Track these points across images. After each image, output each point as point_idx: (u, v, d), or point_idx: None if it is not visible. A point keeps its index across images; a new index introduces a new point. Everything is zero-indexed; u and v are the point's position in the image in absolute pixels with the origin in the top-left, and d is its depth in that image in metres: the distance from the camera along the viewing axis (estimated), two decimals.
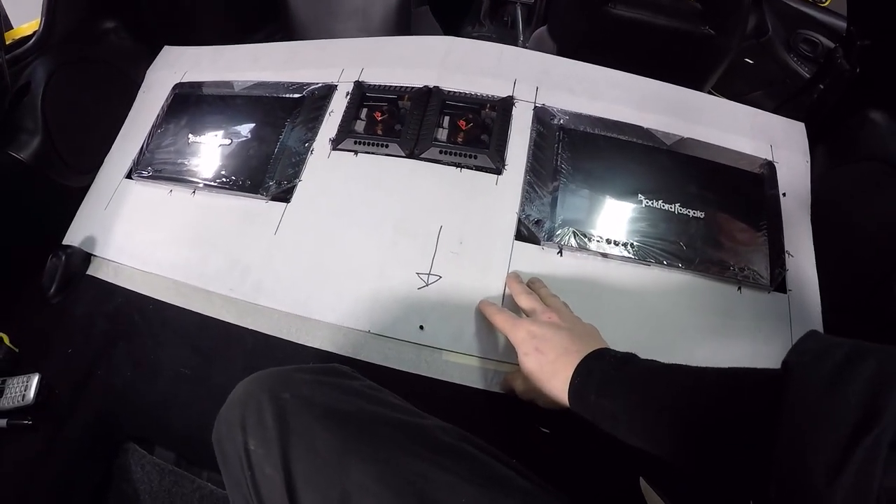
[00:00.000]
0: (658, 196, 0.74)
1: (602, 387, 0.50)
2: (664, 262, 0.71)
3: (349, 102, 0.82)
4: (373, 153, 0.78)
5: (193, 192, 0.82)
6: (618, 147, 0.78)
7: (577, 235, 0.71)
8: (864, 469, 0.29)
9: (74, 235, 0.86)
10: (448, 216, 0.73)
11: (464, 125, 0.78)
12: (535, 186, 0.74)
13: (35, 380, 0.70)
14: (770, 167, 0.79)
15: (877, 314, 0.69)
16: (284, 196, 0.78)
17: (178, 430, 0.69)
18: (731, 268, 0.72)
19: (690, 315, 0.70)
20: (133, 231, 0.83)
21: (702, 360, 0.67)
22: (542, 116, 0.80)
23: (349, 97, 0.83)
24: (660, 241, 0.72)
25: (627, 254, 0.71)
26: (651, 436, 0.47)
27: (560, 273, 0.70)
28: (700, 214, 0.74)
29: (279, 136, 0.82)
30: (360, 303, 0.70)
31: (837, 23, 1.14)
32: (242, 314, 0.72)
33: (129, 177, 0.87)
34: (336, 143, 0.79)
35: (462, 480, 0.44)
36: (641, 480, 0.57)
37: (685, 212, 0.74)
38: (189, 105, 0.91)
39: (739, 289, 0.72)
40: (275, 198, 0.78)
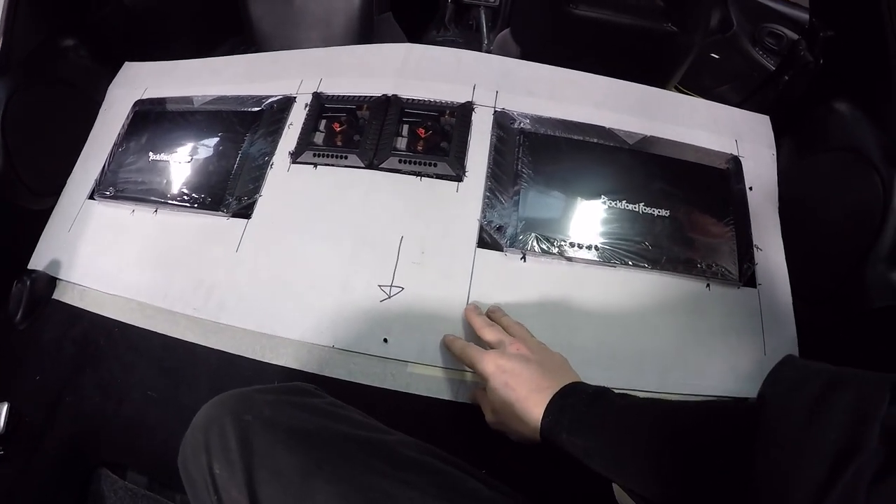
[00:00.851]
0: (621, 196, 0.74)
1: (574, 424, 0.50)
2: (630, 263, 0.70)
3: (308, 114, 0.81)
4: (332, 165, 0.77)
5: (155, 212, 0.81)
6: (579, 148, 0.77)
7: (541, 240, 0.71)
8: None
9: (39, 259, 0.85)
10: (409, 226, 0.73)
11: (423, 133, 0.77)
12: (497, 192, 0.74)
13: (4, 409, 0.69)
14: (736, 162, 0.79)
15: (848, 304, 0.69)
16: (245, 212, 0.77)
17: (149, 454, 0.68)
18: (699, 265, 0.71)
19: (660, 315, 0.70)
20: (97, 253, 0.82)
21: (673, 359, 0.68)
22: (502, 121, 0.79)
23: (308, 109, 0.82)
24: (624, 242, 0.71)
25: (592, 256, 0.71)
26: (625, 472, 0.47)
27: (524, 279, 0.70)
28: (665, 213, 0.73)
29: (239, 151, 0.81)
30: (324, 318, 0.69)
31: (802, 15, 1.13)
32: (207, 334, 0.71)
33: (92, 197, 0.86)
34: (295, 157, 0.78)
35: (427, 496, 0.43)
36: (615, 486, 0.57)
37: (650, 211, 0.73)
38: (150, 122, 0.89)
39: (708, 286, 0.72)
40: (235, 214, 0.77)
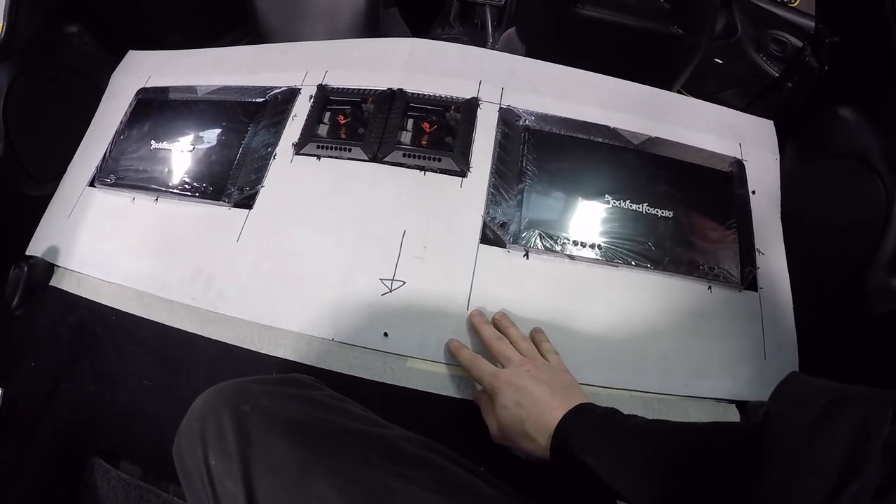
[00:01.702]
0: (625, 196, 0.74)
1: (585, 443, 0.50)
2: (632, 263, 0.70)
3: (312, 106, 0.81)
4: (336, 157, 0.77)
5: (156, 200, 0.80)
6: (584, 147, 0.77)
7: (544, 237, 0.71)
8: None
9: (37, 245, 0.84)
10: (412, 220, 0.72)
11: (428, 127, 0.77)
12: (501, 189, 0.74)
13: None
14: (739, 165, 0.79)
15: (848, 310, 0.69)
16: (247, 202, 0.76)
17: (144, 444, 0.68)
18: (701, 267, 0.71)
19: (661, 315, 0.70)
20: (96, 240, 0.81)
21: (674, 361, 0.68)
22: (508, 118, 0.79)
23: (312, 101, 0.82)
24: (628, 242, 0.71)
25: (595, 255, 0.70)
26: (633, 491, 0.47)
27: (527, 276, 0.70)
28: (668, 214, 0.73)
29: (242, 142, 0.81)
30: (324, 310, 0.68)
31: (807, 23, 1.14)
32: (205, 324, 0.71)
33: (93, 185, 0.85)
34: (299, 148, 0.78)
35: (426, 490, 0.43)
36: None
37: (653, 211, 0.73)
38: (152, 111, 0.89)
39: (710, 288, 0.72)
40: (237, 204, 0.76)
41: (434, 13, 1.52)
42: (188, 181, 0.80)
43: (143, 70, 0.96)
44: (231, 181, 0.78)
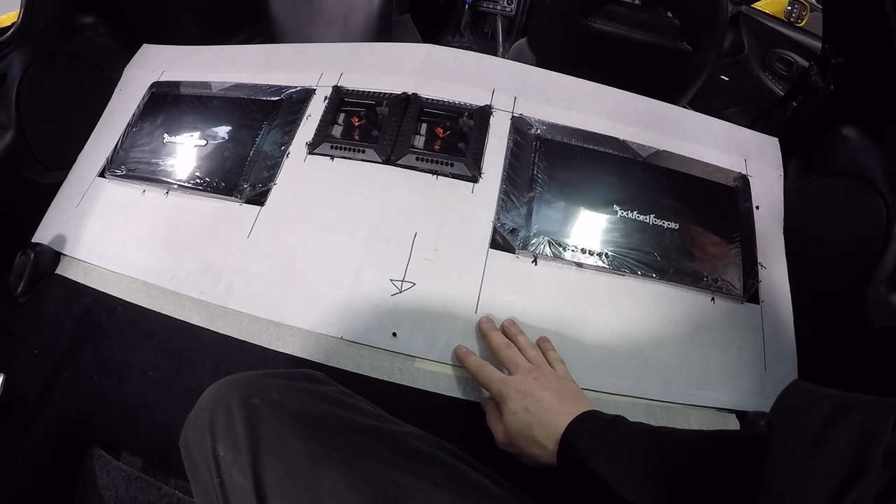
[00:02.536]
0: (633, 207, 0.75)
1: (592, 449, 0.50)
2: (638, 272, 0.71)
3: (327, 107, 0.82)
4: (349, 158, 0.78)
5: (167, 193, 0.80)
6: (594, 158, 0.78)
7: (552, 245, 0.72)
8: None
9: (44, 233, 0.84)
10: (423, 223, 0.73)
11: (441, 133, 0.78)
12: (511, 195, 0.75)
13: None
14: (744, 180, 0.80)
15: (848, 324, 0.70)
16: (259, 199, 0.77)
17: (145, 436, 0.68)
18: (705, 279, 0.72)
19: (664, 324, 0.71)
20: (104, 230, 0.81)
21: (676, 369, 0.69)
22: (520, 126, 0.80)
23: (327, 101, 0.82)
24: (634, 252, 0.72)
25: (602, 263, 0.71)
26: (639, 497, 0.48)
27: (535, 282, 0.70)
28: (674, 226, 0.75)
29: (255, 139, 0.81)
30: (333, 309, 0.69)
31: (813, 42, 1.16)
32: (213, 318, 0.71)
33: (103, 175, 0.85)
34: (312, 148, 0.79)
35: (436, 487, 0.43)
36: None
37: (660, 223, 0.74)
38: (165, 104, 0.89)
39: (713, 299, 0.73)
40: (249, 200, 0.77)
41: (446, 21, 1.54)
42: (200, 176, 0.80)
43: (157, 64, 0.97)
44: (244, 177, 0.78)
